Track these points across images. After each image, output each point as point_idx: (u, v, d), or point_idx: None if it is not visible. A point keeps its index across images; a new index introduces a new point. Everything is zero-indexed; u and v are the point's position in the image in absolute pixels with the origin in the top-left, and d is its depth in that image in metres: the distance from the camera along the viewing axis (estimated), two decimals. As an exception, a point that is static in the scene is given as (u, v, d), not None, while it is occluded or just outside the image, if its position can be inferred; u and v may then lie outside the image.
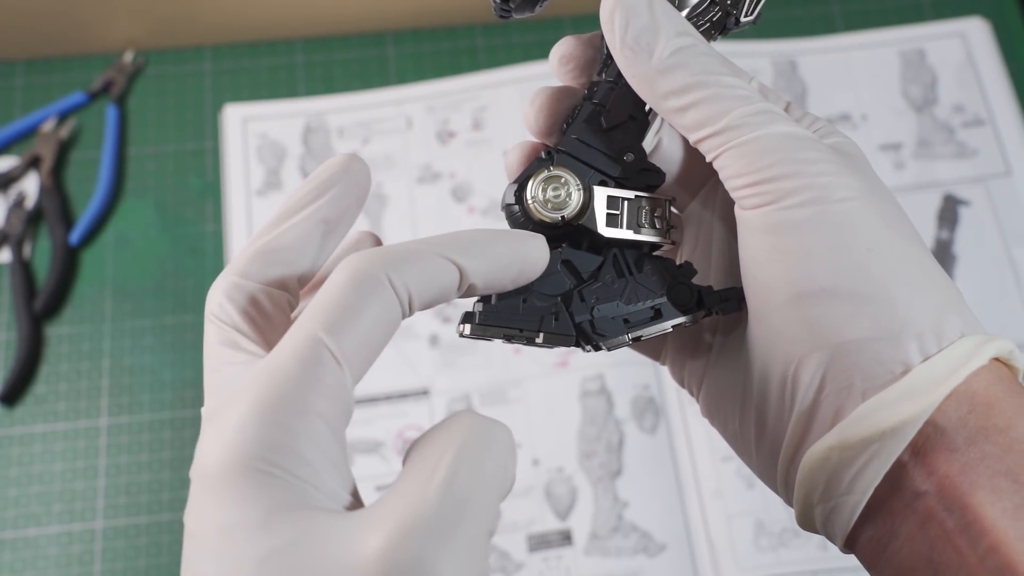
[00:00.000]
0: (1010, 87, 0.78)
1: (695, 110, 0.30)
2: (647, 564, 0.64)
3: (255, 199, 0.75)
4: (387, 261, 0.26)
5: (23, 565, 0.65)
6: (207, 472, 0.25)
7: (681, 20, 0.30)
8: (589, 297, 0.32)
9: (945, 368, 0.27)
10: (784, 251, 0.29)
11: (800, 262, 0.28)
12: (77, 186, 0.76)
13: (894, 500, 0.27)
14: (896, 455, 0.27)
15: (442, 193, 0.75)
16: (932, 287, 0.28)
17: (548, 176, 0.32)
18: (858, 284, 0.28)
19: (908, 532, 0.27)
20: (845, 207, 0.28)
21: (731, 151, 0.29)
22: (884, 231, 0.28)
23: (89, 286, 0.73)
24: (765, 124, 0.29)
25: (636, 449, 0.67)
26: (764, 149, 0.29)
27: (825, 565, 0.63)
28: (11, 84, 0.79)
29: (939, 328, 0.27)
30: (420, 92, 0.78)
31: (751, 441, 0.32)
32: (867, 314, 0.27)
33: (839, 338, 0.28)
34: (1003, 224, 0.73)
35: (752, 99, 0.29)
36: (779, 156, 0.29)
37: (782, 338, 0.29)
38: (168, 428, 0.69)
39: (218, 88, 0.79)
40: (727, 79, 0.30)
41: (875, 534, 0.28)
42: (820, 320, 0.28)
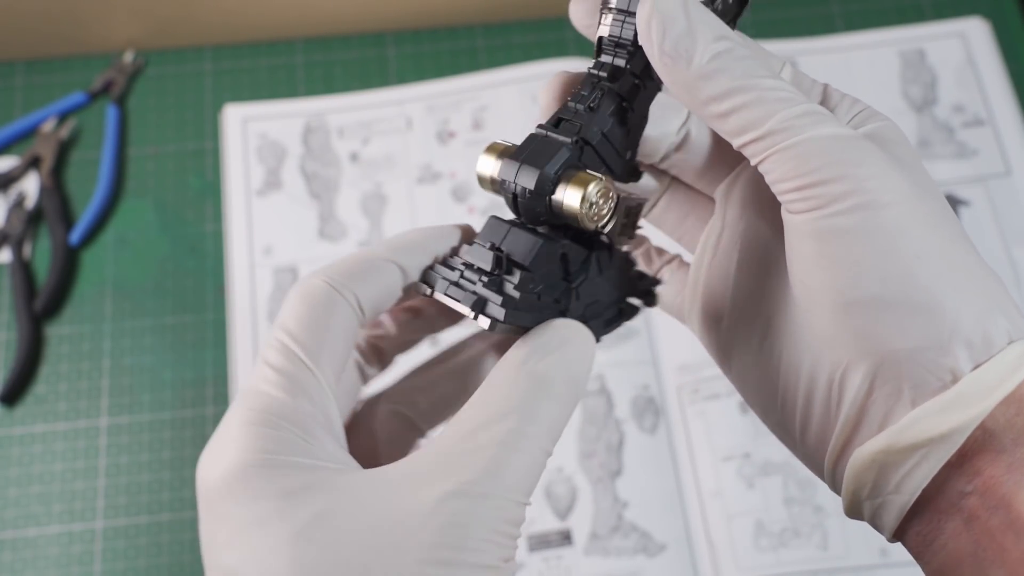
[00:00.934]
0: (1010, 87, 0.78)
1: (737, 115, 0.29)
2: (647, 564, 0.64)
3: (255, 199, 0.75)
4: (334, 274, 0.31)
5: (23, 565, 0.65)
6: (211, 485, 0.26)
7: (718, 24, 0.30)
8: (584, 295, 0.32)
9: (995, 376, 0.27)
10: (833, 258, 0.28)
11: (849, 270, 0.28)
12: (77, 186, 0.76)
13: (939, 499, 0.28)
14: (944, 461, 0.27)
15: (442, 193, 0.75)
16: (980, 291, 0.28)
17: (603, 187, 0.31)
18: (907, 293, 0.28)
19: (953, 529, 0.28)
20: (893, 212, 0.28)
21: (776, 155, 0.29)
22: (932, 235, 0.28)
23: (89, 286, 0.73)
24: (810, 127, 0.29)
25: (636, 449, 0.67)
26: (810, 152, 0.28)
27: (825, 565, 0.63)
28: (11, 84, 0.79)
29: (988, 334, 0.27)
30: (420, 92, 0.78)
31: (795, 433, 0.32)
32: (916, 323, 0.27)
33: (888, 346, 0.28)
34: (1003, 224, 0.73)
35: (795, 100, 0.29)
36: (825, 159, 0.28)
37: (830, 344, 0.29)
38: (168, 428, 0.69)
39: (218, 88, 0.79)
40: (768, 81, 0.29)
41: (921, 529, 0.29)
42: (869, 328, 0.28)
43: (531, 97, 0.78)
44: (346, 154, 0.77)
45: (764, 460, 0.66)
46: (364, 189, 0.75)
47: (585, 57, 0.79)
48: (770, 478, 0.66)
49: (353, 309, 0.31)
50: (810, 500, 0.65)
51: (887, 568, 0.63)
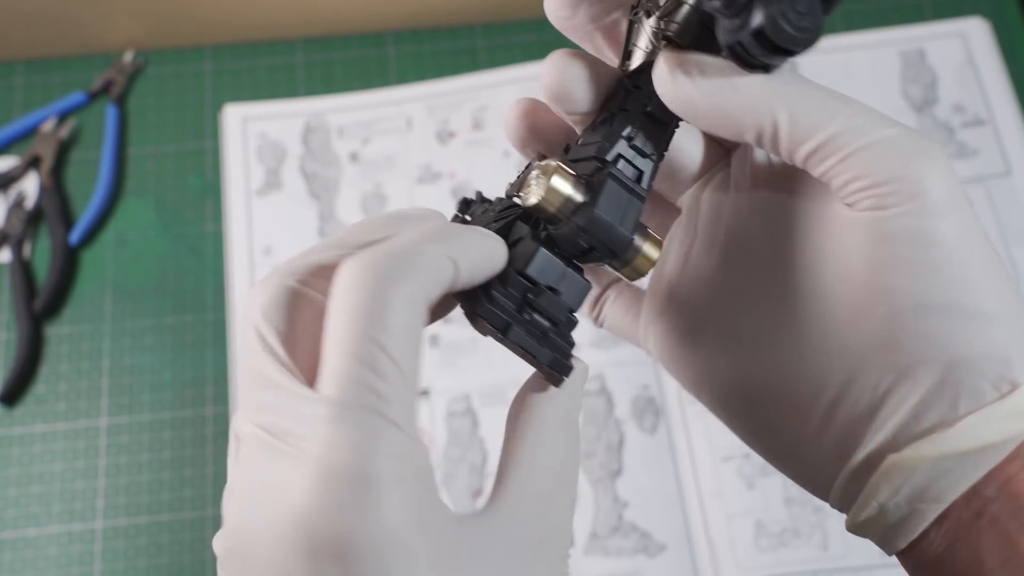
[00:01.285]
0: (1010, 87, 0.78)
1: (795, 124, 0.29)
2: (647, 564, 0.64)
3: (255, 199, 0.75)
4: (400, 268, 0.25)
5: (23, 565, 0.65)
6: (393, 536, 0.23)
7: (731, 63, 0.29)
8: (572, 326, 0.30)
9: None
10: (909, 261, 0.28)
11: (927, 274, 0.28)
12: (77, 186, 0.76)
13: (962, 508, 0.28)
14: (988, 468, 0.27)
15: (442, 193, 0.75)
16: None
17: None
18: (975, 301, 0.28)
19: (970, 536, 0.28)
20: (962, 221, 0.28)
21: (848, 157, 0.28)
22: (989, 247, 0.29)
23: (89, 286, 0.73)
24: (877, 128, 0.28)
25: (636, 449, 0.67)
26: (882, 153, 0.28)
27: (825, 565, 0.63)
28: (11, 84, 0.79)
29: None
30: (420, 92, 0.78)
31: (798, 444, 0.31)
32: (982, 331, 0.28)
33: (953, 353, 0.28)
34: (1003, 224, 0.73)
35: (851, 102, 0.29)
36: (898, 160, 0.28)
37: (884, 347, 0.29)
38: (168, 428, 0.69)
39: (218, 88, 0.79)
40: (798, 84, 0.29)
41: (936, 538, 0.28)
42: (934, 334, 0.28)
43: (531, 97, 0.78)
44: (346, 154, 0.77)
45: (764, 460, 0.66)
46: (364, 189, 0.75)
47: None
48: (770, 478, 0.66)
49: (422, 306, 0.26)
50: (810, 500, 0.65)
51: (887, 568, 0.63)
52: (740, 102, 0.29)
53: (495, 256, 0.28)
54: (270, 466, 0.24)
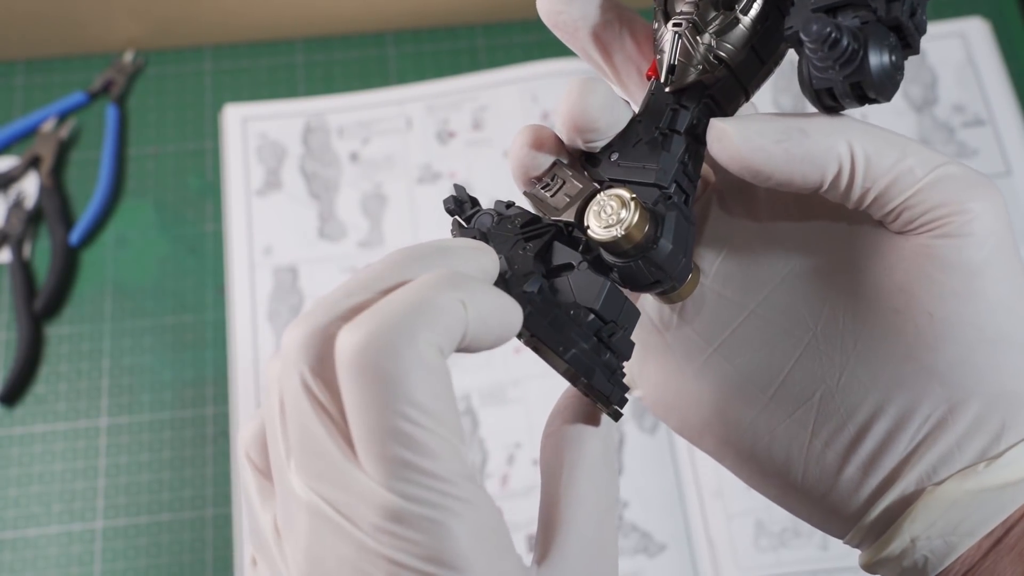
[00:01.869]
0: (1010, 87, 0.78)
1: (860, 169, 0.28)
2: (647, 564, 0.64)
3: (255, 199, 0.75)
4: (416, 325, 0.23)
5: (23, 565, 0.65)
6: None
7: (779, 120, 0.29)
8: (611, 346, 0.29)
9: None
10: (975, 292, 0.28)
11: (987, 307, 0.28)
12: (77, 186, 0.76)
13: (983, 539, 0.28)
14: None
15: (442, 193, 0.75)
16: None
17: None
18: (1018, 329, 0.28)
19: (985, 569, 0.28)
20: (1011, 256, 0.28)
21: (917, 192, 0.28)
22: (1020, 272, 0.28)
23: (89, 286, 0.73)
24: (935, 162, 0.28)
25: (636, 449, 0.67)
26: (941, 188, 0.28)
27: (825, 565, 0.63)
28: (11, 84, 0.79)
29: None
30: (420, 92, 0.78)
31: (817, 477, 0.31)
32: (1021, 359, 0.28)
33: (999, 386, 0.28)
34: (1003, 224, 0.73)
35: (908, 139, 0.29)
36: (954, 194, 0.28)
37: (938, 378, 0.28)
38: (168, 428, 0.69)
39: (218, 88, 0.80)
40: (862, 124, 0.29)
41: (959, 569, 0.28)
42: (993, 366, 0.28)
43: (531, 97, 0.78)
44: (346, 154, 0.77)
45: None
46: (364, 189, 0.75)
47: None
48: (770, 478, 0.66)
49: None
50: (810, 500, 0.65)
51: (887, 568, 0.63)
52: (811, 146, 0.28)
53: (510, 325, 0.25)
54: (335, 542, 0.23)
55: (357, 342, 0.23)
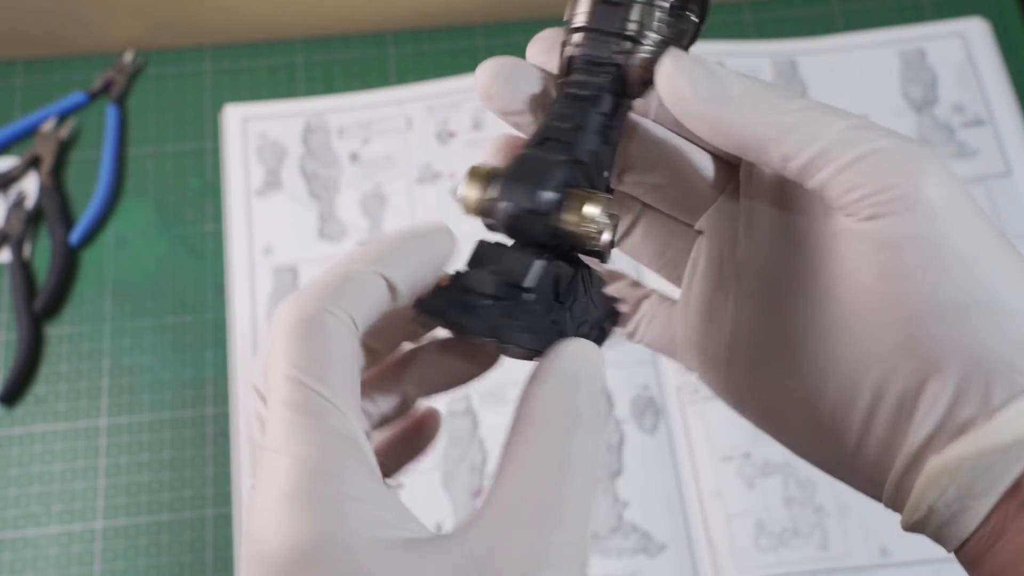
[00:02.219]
0: (1010, 87, 0.78)
1: (790, 138, 0.29)
2: (647, 564, 0.64)
3: (255, 199, 0.75)
4: (322, 295, 0.28)
5: (23, 565, 0.65)
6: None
7: (729, 70, 0.30)
8: (576, 316, 0.31)
9: None
10: (914, 267, 0.28)
11: (933, 276, 0.28)
12: (77, 186, 0.76)
13: (1009, 500, 0.28)
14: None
15: (442, 193, 0.75)
16: None
17: (606, 201, 0.30)
18: (992, 295, 0.28)
19: (1018, 528, 0.28)
20: (965, 222, 0.28)
21: (843, 169, 0.28)
22: (1000, 241, 0.28)
23: (89, 286, 0.73)
24: (870, 140, 0.28)
25: (636, 449, 0.67)
26: (877, 163, 0.28)
27: (825, 565, 0.63)
28: (11, 84, 0.79)
29: None
30: (420, 92, 0.78)
31: (846, 453, 0.31)
32: (1002, 324, 0.28)
33: (975, 351, 0.28)
34: (1003, 224, 0.73)
35: (840, 115, 0.29)
36: (894, 170, 0.28)
37: (907, 354, 0.29)
38: (168, 428, 0.69)
39: (218, 88, 0.80)
40: (803, 101, 0.29)
41: (985, 532, 0.28)
42: (953, 333, 0.28)
43: (531, 97, 0.78)
44: (346, 154, 0.77)
45: (764, 460, 0.66)
46: (364, 189, 0.75)
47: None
48: (770, 478, 0.66)
49: (350, 329, 0.28)
50: (810, 500, 0.65)
51: (887, 568, 0.63)
52: (734, 114, 0.29)
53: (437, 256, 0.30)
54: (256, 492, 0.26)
55: (280, 307, 0.29)
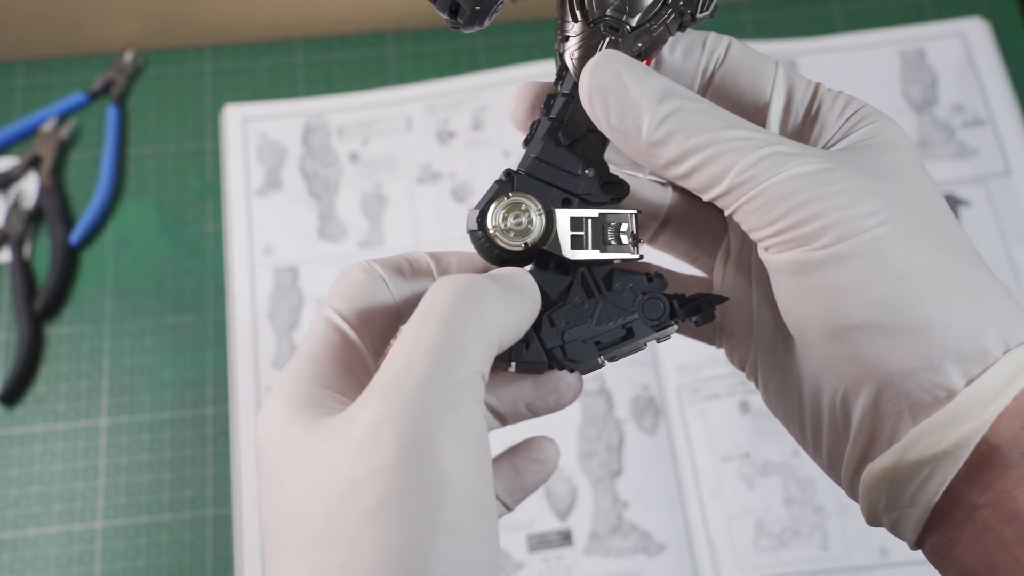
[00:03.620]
0: (1010, 87, 0.78)
1: (698, 173, 0.29)
2: (647, 564, 0.64)
3: (255, 199, 0.75)
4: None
5: (23, 565, 0.65)
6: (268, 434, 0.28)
7: (660, 84, 0.29)
8: (559, 321, 0.32)
9: (990, 389, 0.27)
10: (815, 289, 0.28)
11: (832, 299, 0.28)
12: (77, 186, 0.76)
13: (954, 512, 0.28)
14: (951, 475, 0.27)
15: (442, 193, 0.75)
16: (969, 304, 0.28)
17: (509, 203, 0.32)
18: (892, 316, 0.28)
19: (968, 540, 0.28)
20: (869, 236, 0.28)
21: (744, 207, 0.29)
22: (913, 253, 0.28)
23: (89, 286, 0.73)
24: (771, 171, 0.28)
25: (636, 449, 0.67)
26: (775, 198, 0.28)
27: (825, 565, 0.63)
28: (11, 84, 0.79)
29: (981, 347, 0.27)
30: (420, 92, 0.78)
31: (810, 446, 0.33)
32: (906, 345, 0.28)
33: (883, 369, 0.28)
34: (1003, 224, 0.73)
35: (752, 145, 0.28)
36: (793, 202, 0.28)
37: (828, 371, 0.30)
38: (168, 428, 0.69)
39: (218, 88, 0.79)
40: (723, 133, 0.29)
41: (938, 540, 0.29)
42: (863, 354, 0.28)
43: (531, 97, 0.78)
44: (346, 154, 0.77)
45: (764, 460, 0.66)
46: (364, 189, 0.75)
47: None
48: (770, 478, 0.66)
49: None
50: (810, 500, 0.65)
51: (887, 568, 0.63)
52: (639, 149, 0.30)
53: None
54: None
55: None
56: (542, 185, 0.32)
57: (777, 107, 0.32)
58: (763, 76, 0.32)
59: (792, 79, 0.33)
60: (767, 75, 0.32)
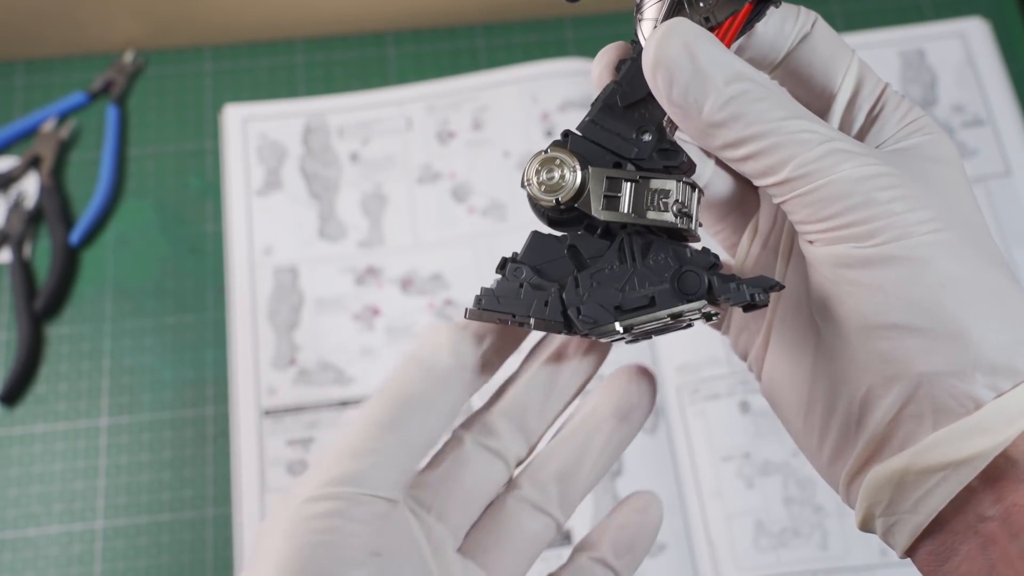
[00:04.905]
0: (1010, 87, 0.78)
1: (755, 160, 0.29)
2: (647, 564, 0.64)
3: (255, 199, 0.75)
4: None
5: (23, 565, 0.65)
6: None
7: (732, 63, 0.29)
8: (585, 283, 0.31)
9: (1017, 406, 0.27)
10: (857, 285, 0.28)
11: (874, 297, 0.28)
12: (77, 186, 0.76)
13: (957, 520, 0.28)
14: (963, 485, 0.27)
15: (442, 193, 0.75)
16: (1006, 320, 0.28)
17: (544, 158, 0.31)
18: (931, 320, 0.28)
19: (968, 551, 0.28)
20: (916, 241, 0.28)
21: (797, 199, 0.29)
22: (958, 263, 0.28)
23: (89, 286, 0.73)
24: (830, 169, 0.28)
25: (636, 449, 0.67)
26: (831, 196, 0.28)
27: (825, 565, 0.63)
28: (11, 84, 0.79)
29: (1012, 364, 0.27)
30: (420, 92, 0.78)
31: (813, 442, 0.32)
32: (940, 350, 0.28)
33: (914, 371, 0.28)
34: (1003, 224, 0.73)
35: (814, 140, 0.28)
36: (850, 202, 0.28)
37: (857, 367, 0.29)
38: (168, 428, 0.69)
39: (218, 88, 0.80)
40: (786, 123, 0.28)
41: (935, 548, 0.29)
42: (896, 353, 0.28)
43: (531, 97, 0.78)
44: (346, 154, 0.77)
45: (764, 460, 0.66)
46: (364, 189, 0.75)
47: (586, 57, 0.79)
48: (770, 478, 0.66)
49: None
50: (810, 500, 0.65)
51: (887, 568, 0.63)
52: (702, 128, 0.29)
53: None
54: None
55: None
56: (594, 147, 0.32)
57: (843, 99, 0.32)
58: (838, 63, 0.32)
59: (864, 73, 0.32)
60: (842, 63, 0.32)
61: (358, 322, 0.71)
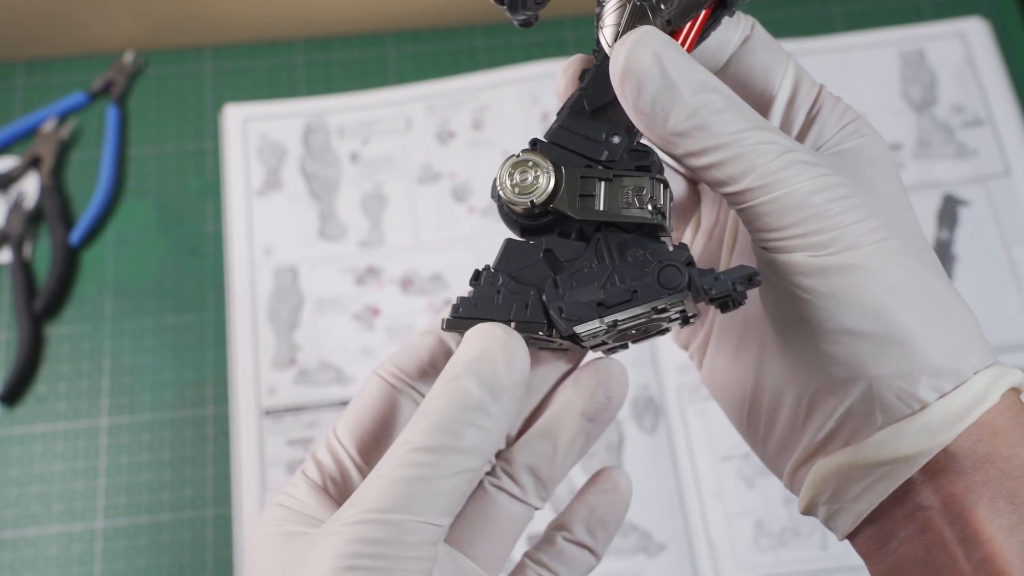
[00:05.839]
0: (1010, 87, 0.78)
1: (716, 170, 0.29)
2: (647, 564, 0.64)
3: (255, 199, 0.75)
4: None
5: (23, 565, 0.65)
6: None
7: (697, 73, 0.29)
8: (565, 283, 0.31)
9: (960, 407, 0.29)
10: (811, 292, 0.29)
11: (828, 303, 0.29)
12: (77, 186, 0.76)
13: (896, 509, 0.30)
14: (904, 478, 0.29)
15: (442, 193, 0.75)
16: (948, 324, 0.29)
17: (517, 161, 0.32)
18: (881, 327, 0.29)
19: (906, 535, 0.30)
20: (867, 251, 0.29)
21: (756, 208, 0.29)
22: (904, 271, 0.29)
23: (89, 286, 0.73)
24: (787, 181, 0.29)
25: (636, 449, 0.67)
26: (788, 207, 0.29)
27: (825, 565, 0.63)
28: (11, 84, 0.79)
29: (956, 366, 0.29)
30: (420, 92, 0.78)
31: (758, 433, 0.34)
32: (889, 353, 0.29)
33: (863, 374, 0.29)
34: (1003, 224, 0.73)
35: (772, 152, 0.29)
36: (804, 214, 0.29)
37: (807, 367, 0.31)
38: (168, 428, 0.69)
39: (218, 88, 0.80)
40: (747, 135, 0.29)
41: (874, 534, 0.31)
42: (847, 357, 0.29)
43: (531, 97, 0.78)
44: (346, 154, 0.77)
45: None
46: (364, 189, 0.75)
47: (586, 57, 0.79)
48: (770, 478, 0.66)
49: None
50: (810, 500, 0.65)
51: (887, 568, 0.63)
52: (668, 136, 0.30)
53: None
54: None
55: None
56: (564, 152, 0.32)
57: (782, 101, 0.33)
58: (776, 67, 0.33)
59: (800, 76, 0.33)
60: (780, 66, 0.33)
61: (358, 322, 0.71)
